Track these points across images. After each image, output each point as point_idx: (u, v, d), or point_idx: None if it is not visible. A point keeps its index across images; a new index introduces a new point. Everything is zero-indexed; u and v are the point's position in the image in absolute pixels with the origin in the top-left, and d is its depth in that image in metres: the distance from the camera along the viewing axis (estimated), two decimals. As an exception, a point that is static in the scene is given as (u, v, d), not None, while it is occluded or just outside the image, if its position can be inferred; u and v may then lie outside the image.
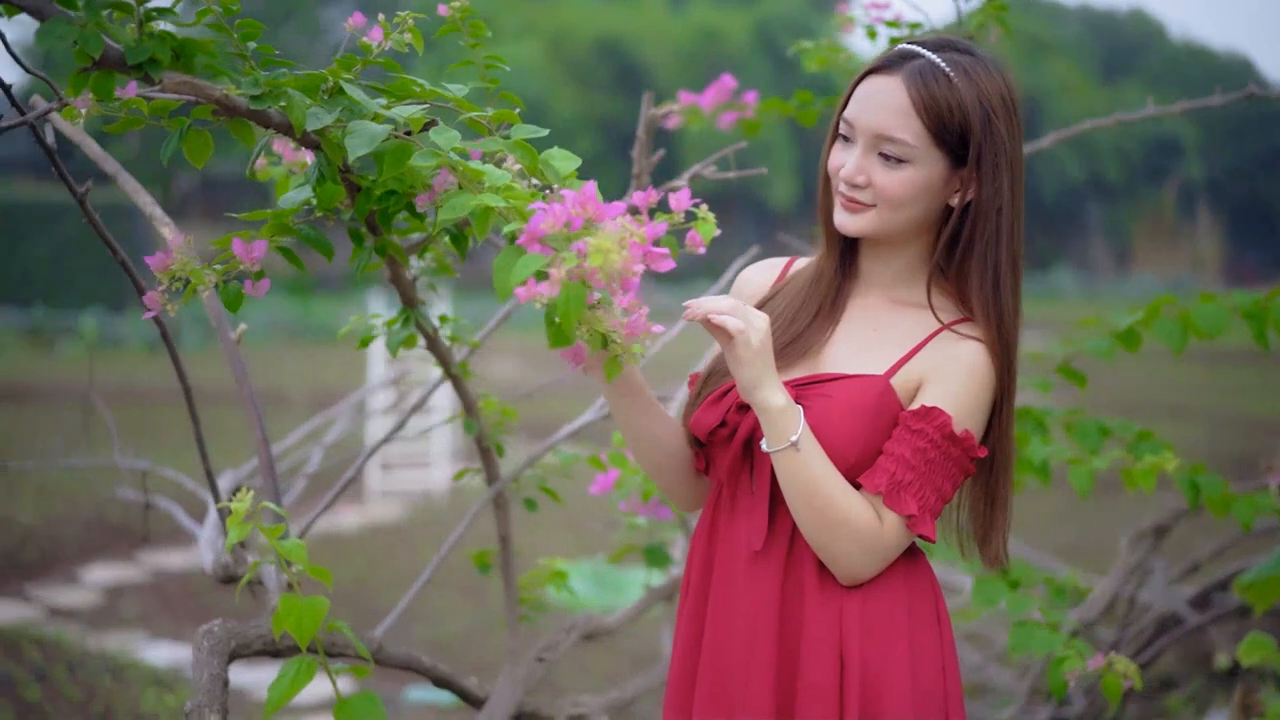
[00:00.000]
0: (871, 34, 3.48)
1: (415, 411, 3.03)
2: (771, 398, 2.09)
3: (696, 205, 2.18)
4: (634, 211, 2.16)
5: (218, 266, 2.01)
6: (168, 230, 2.58)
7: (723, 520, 2.31)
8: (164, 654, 7.14)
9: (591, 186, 1.79)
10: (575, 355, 1.89)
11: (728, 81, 3.65)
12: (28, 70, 2.00)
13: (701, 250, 2.18)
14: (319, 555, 9.29)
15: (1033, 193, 50.13)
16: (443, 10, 2.27)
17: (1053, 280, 44.06)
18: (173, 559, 9.02)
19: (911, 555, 2.29)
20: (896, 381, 2.21)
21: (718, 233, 2.19)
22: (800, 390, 2.23)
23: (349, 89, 1.92)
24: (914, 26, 3.40)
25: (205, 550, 2.90)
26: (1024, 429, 3.25)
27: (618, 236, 1.71)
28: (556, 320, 1.81)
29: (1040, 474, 3.11)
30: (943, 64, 2.17)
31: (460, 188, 1.90)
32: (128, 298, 27.81)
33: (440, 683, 2.81)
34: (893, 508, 2.15)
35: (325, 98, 1.94)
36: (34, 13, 1.75)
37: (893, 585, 2.23)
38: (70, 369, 23.47)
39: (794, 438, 2.09)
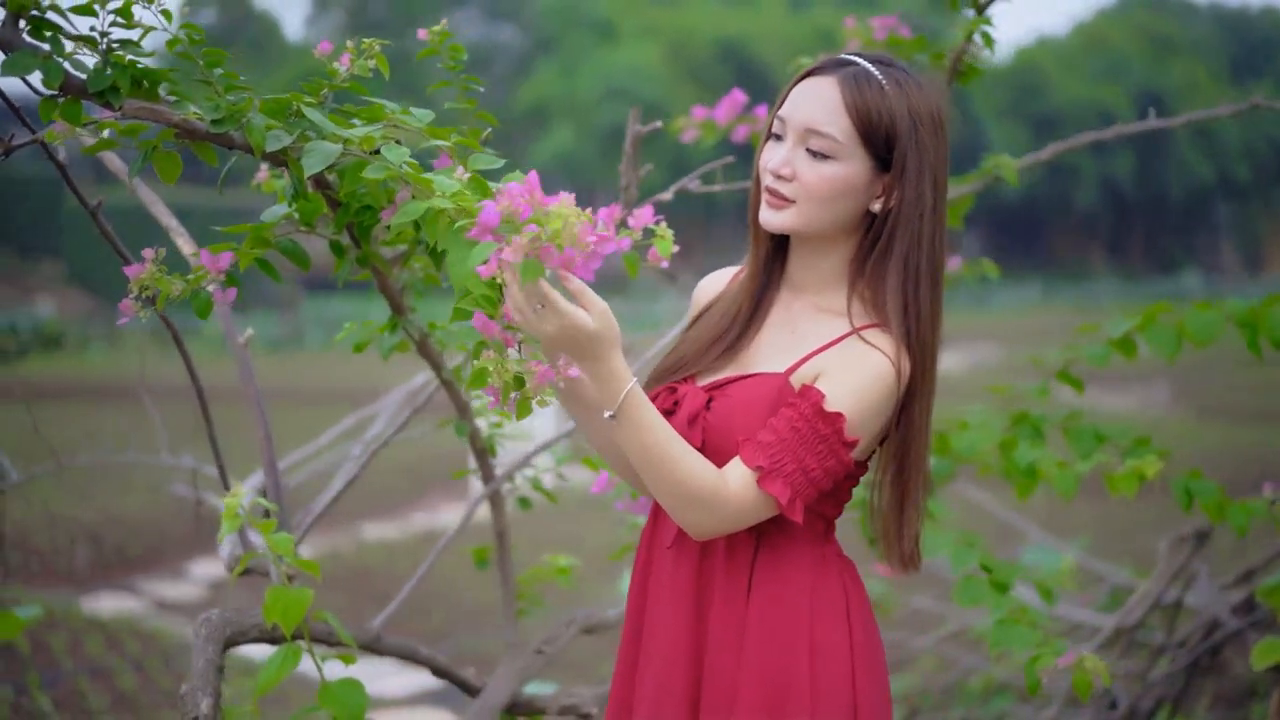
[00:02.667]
0: (870, 43, 3.58)
1: (417, 413, 3.16)
2: (593, 376, 2.12)
3: (657, 223, 2.28)
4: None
5: (189, 277, 2.16)
6: (182, 241, 2.73)
7: (662, 515, 2.40)
8: (262, 648, 7.29)
9: (534, 176, 1.92)
10: (495, 393, 2.01)
11: (738, 96, 3.76)
12: (35, 91, 2.15)
13: (664, 265, 2.28)
14: (421, 552, 9.40)
15: (1159, 195, 49.57)
16: (421, 34, 2.40)
17: (1180, 283, 43.41)
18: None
19: (819, 549, 2.33)
20: (795, 378, 2.27)
21: (676, 249, 2.29)
22: (714, 391, 2.31)
23: (308, 112, 2.05)
24: (919, 40, 3.49)
25: (223, 545, 3.04)
26: (1019, 434, 3.30)
27: (571, 201, 1.88)
28: (474, 364, 1.97)
29: (1028, 477, 3.17)
30: (877, 73, 2.25)
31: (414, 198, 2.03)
32: (252, 300, 28.40)
33: (438, 673, 2.93)
34: (745, 461, 2.20)
35: (290, 119, 2.07)
36: (2, 45, 1.90)
37: (795, 579, 2.29)
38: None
39: (608, 413, 2.14)
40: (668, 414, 2.32)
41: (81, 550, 9.29)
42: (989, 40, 3.37)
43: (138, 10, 1.98)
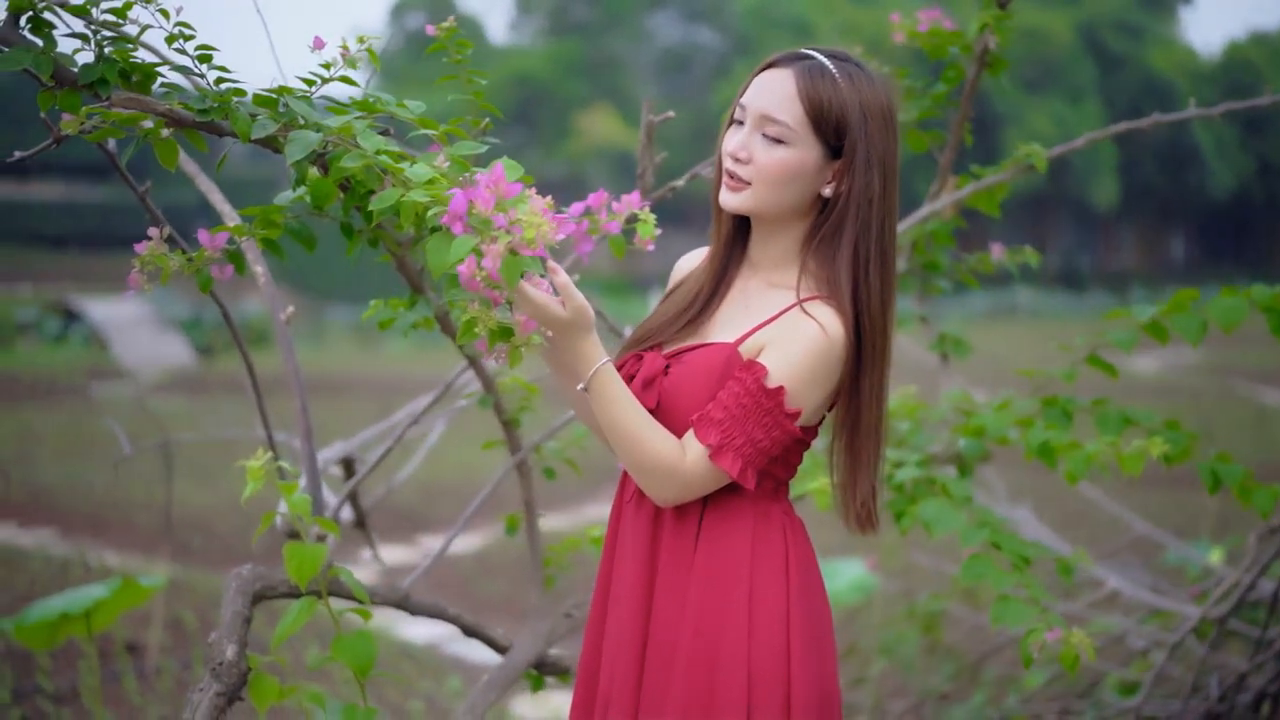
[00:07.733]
0: (914, 35, 3.69)
1: (445, 392, 3.34)
2: (565, 354, 2.35)
3: (642, 208, 2.45)
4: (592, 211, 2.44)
5: (191, 256, 2.36)
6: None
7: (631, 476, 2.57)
8: (422, 631, 7.52)
9: (500, 167, 2.08)
10: (484, 344, 2.18)
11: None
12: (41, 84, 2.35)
13: (650, 248, 2.48)
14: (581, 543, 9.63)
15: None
16: (430, 30, 2.57)
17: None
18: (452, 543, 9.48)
19: (763, 506, 2.49)
20: (744, 348, 2.44)
21: (658, 232, 2.46)
22: (672, 359, 2.49)
23: (292, 104, 2.23)
24: (957, 35, 3.60)
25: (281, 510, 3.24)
26: (1050, 417, 3.36)
27: (539, 207, 2.03)
28: (462, 319, 2.13)
29: (1044, 457, 3.22)
30: (832, 67, 2.42)
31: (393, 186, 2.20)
32: (446, 296, 29.00)
33: (468, 632, 3.10)
34: (699, 438, 2.39)
35: (282, 110, 2.26)
36: (1, 41, 2.11)
37: (737, 533, 2.46)
38: (392, 363, 24.70)
39: (580, 386, 2.37)
40: (630, 378, 2.50)
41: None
42: (1003, 35, 3.48)
43: (136, 9, 2.19)
